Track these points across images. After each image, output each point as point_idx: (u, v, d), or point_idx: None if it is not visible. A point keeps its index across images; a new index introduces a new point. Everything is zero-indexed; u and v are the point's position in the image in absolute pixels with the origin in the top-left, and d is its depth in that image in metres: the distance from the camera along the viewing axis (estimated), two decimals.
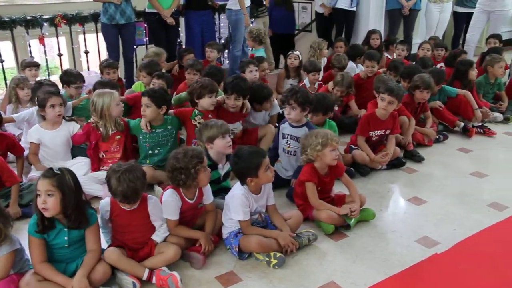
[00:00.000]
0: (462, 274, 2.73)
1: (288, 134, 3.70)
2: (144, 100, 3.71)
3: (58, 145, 3.84)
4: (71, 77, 4.60)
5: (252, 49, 6.13)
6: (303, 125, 3.68)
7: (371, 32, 6.66)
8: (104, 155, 3.78)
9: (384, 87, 3.96)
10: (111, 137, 3.75)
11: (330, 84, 5.00)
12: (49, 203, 2.38)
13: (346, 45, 6.58)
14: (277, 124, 4.23)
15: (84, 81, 4.75)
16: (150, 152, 3.83)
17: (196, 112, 3.94)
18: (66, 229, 2.50)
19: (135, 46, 6.51)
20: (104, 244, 2.76)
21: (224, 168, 3.35)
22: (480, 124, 5.06)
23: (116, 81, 4.95)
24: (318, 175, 3.22)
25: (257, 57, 5.63)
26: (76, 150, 3.93)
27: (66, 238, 2.51)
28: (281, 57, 7.87)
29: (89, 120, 3.79)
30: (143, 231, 2.76)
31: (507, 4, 6.91)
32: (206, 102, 3.90)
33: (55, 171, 2.43)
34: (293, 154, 3.69)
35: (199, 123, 3.86)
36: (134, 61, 6.36)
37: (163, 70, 5.36)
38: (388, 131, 4.08)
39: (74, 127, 3.89)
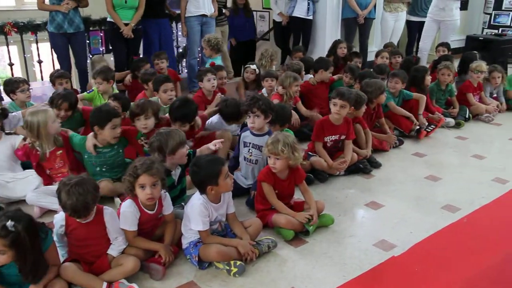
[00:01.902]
0: (419, 276, 2.80)
1: (250, 143, 3.68)
2: (117, 121, 3.55)
3: (0, 159, 3.67)
4: (13, 83, 4.43)
5: (211, 57, 6.13)
6: (265, 134, 3.66)
7: (338, 42, 6.75)
8: (50, 172, 3.63)
9: (335, 92, 4.04)
10: (52, 154, 3.58)
11: (280, 89, 4.96)
12: (1, 259, 2.26)
13: (304, 54, 6.66)
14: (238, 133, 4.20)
15: (28, 83, 4.60)
16: (98, 169, 3.67)
17: (141, 133, 3.79)
18: None
19: (90, 56, 6.41)
20: (60, 258, 2.67)
21: (176, 173, 3.28)
22: (427, 124, 5.24)
23: None
24: (275, 177, 3.24)
25: (217, 65, 5.63)
26: (28, 162, 3.79)
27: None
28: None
29: (25, 142, 3.59)
30: (101, 243, 2.70)
31: (455, 15, 7.22)
32: (137, 125, 3.79)
33: (9, 228, 2.19)
34: (255, 163, 3.68)
35: (145, 143, 3.69)
36: (90, 70, 6.25)
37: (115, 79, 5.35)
38: (342, 136, 4.15)
39: (16, 140, 3.69)
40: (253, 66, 5.69)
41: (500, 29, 8.88)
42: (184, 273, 2.80)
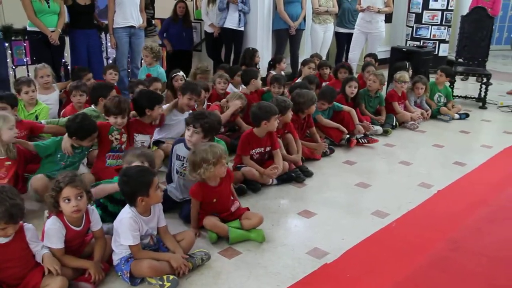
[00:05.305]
0: (350, 281, 2.85)
1: (183, 157, 3.60)
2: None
3: None
4: None
5: (151, 66, 6.02)
6: None
7: (255, 51, 6.81)
8: None
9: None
10: (0, 162, 3.49)
11: (224, 102, 5.02)
12: None
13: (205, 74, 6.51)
14: None
15: None
16: (62, 168, 3.66)
17: (114, 128, 3.91)
18: None
19: (13, 67, 6.11)
20: None
21: None
22: (362, 135, 5.38)
23: None
24: (207, 188, 3.25)
25: (152, 77, 5.53)
26: None
27: None
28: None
29: None
30: (22, 264, 2.54)
31: (381, 27, 7.57)
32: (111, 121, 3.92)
33: None
34: None
35: (116, 138, 3.89)
36: (13, 81, 5.94)
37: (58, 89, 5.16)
38: (268, 148, 4.18)
39: None
40: (181, 73, 5.65)
41: (422, 41, 9.37)
42: None
